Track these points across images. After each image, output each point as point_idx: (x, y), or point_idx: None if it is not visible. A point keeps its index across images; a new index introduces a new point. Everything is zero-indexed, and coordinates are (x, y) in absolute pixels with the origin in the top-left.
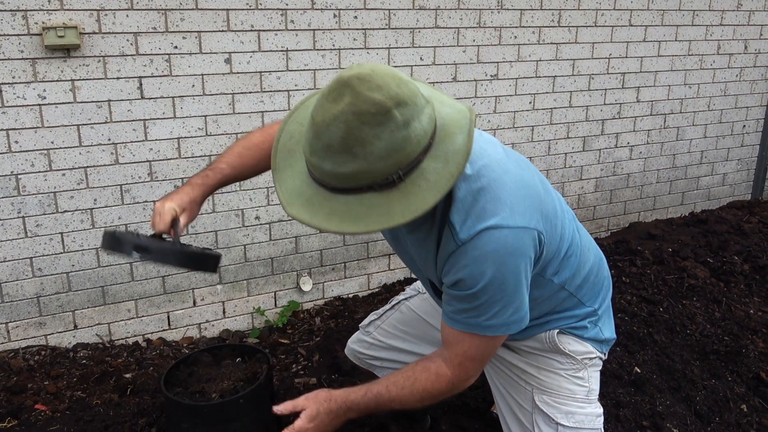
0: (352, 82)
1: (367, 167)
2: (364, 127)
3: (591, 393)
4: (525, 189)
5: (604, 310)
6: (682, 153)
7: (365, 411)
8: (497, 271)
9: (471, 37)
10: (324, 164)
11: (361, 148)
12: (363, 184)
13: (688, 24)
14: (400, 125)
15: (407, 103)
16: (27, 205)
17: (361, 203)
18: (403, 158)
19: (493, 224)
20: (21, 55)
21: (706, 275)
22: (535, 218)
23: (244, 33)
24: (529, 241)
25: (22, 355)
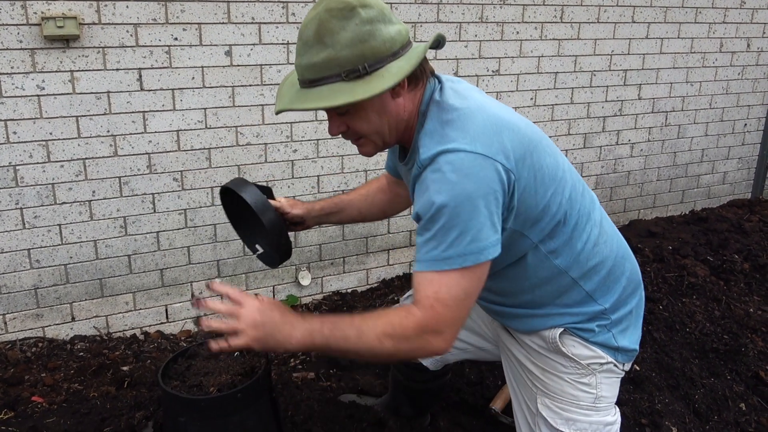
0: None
1: (335, 55)
2: (332, 20)
3: (600, 400)
4: (498, 127)
5: (624, 315)
6: (683, 151)
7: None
8: (450, 192)
9: (473, 32)
10: (303, 60)
11: (330, 37)
12: (333, 73)
13: (691, 21)
14: (365, 21)
15: (372, 6)
16: (25, 197)
17: (331, 89)
18: (368, 52)
19: (450, 147)
20: (20, 46)
21: (706, 273)
22: (501, 154)
23: (244, 25)
24: (490, 171)
25: (20, 346)
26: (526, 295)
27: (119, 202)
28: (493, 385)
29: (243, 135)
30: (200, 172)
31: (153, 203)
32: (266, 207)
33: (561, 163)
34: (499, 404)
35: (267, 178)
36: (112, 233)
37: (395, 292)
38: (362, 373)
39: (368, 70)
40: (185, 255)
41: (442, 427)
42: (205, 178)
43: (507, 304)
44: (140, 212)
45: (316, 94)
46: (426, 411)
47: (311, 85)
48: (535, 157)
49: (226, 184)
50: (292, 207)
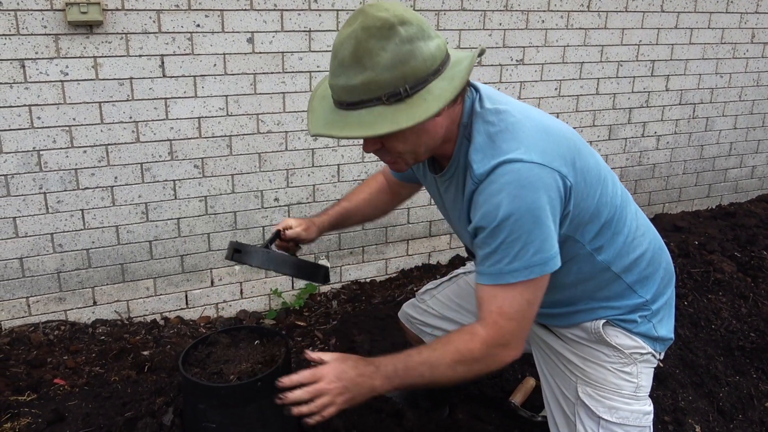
0: (365, 8)
1: (374, 77)
2: (371, 40)
3: (639, 389)
4: (547, 134)
5: (662, 306)
6: (710, 144)
7: (392, 375)
8: (512, 204)
9: (497, 21)
10: (339, 80)
11: (369, 59)
12: (373, 96)
13: (722, 11)
14: (405, 40)
15: (412, 23)
16: (48, 181)
17: (371, 114)
18: (409, 72)
19: (507, 158)
20: (44, 31)
21: (733, 270)
22: (558, 161)
23: (267, 12)
24: (549, 179)
25: (42, 329)
26: (567, 292)
27: (141, 188)
28: (513, 378)
29: (264, 123)
30: (221, 159)
31: (174, 190)
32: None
33: (599, 162)
34: (518, 398)
35: (287, 167)
36: (134, 219)
37: (414, 282)
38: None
39: (409, 93)
40: (205, 242)
41: (461, 419)
42: (225, 166)
43: (551, 304)
44: (161, 198)
45: (355, 118)
46: (444, 403)
47: (349, 107)
48: (582, 160)
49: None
50: (308, 232)
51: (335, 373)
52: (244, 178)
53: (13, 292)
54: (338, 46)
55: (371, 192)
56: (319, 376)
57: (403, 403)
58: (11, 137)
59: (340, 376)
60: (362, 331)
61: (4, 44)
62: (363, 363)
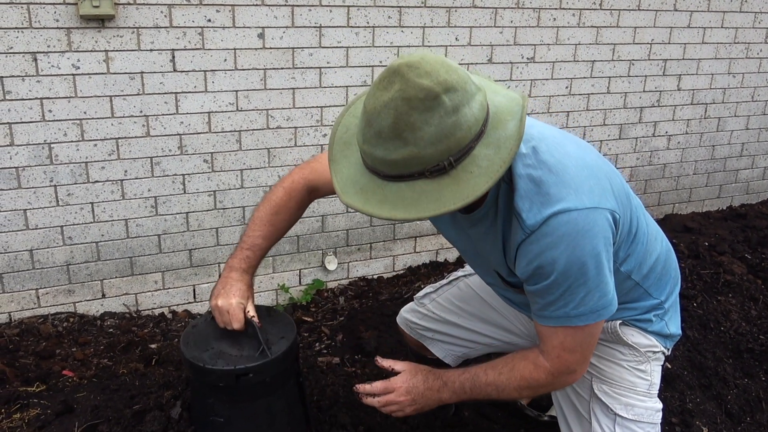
0: (402, 69)
1: (417, 153)
2: (413, 113)
3: (652, 387)
4: (588, 169)
5: (671, 304)
6: (721, 144)
7: (460, 391)
8: (572, 255)
9: (509, 18)
10: (376, 151)
11: (411, 133)
12: (414, 171)
13: (736, 10)
14: (450, 111)
15: (456, 88)
16: (59, 174)
17: (413, 190)
18: (454, 144)
19: (560, 208)
20: (56, 24)
21: (744, 271)
22: (604, 197)
23: (278, 8)
24: (603, 221)
25: (51, 321)
26: None
27: (150, 182)
28: None
29: (273, 118)
30: (230, 154)
31: (183, 184)
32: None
33: (617, 175)
34: None
35: (296, 162)
36: (143, 213)
37: (421, 279)
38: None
39: (454, 165)
40: (214, 236)
41: (467, 417)
42: (235, 161)
43: None
44: (171, 193)
45: (394, 193)
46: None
47: (386, 179)
48: (614, 183)
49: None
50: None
51: (406, 387)
52: (253, 173)
53: (23, 283)
54: (374, 113)
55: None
56: (391, 389)
57: None
58: (23, 130)
59: (410, 390)
60: (369, 327)
61: (17, 37)
62: (432, 377)
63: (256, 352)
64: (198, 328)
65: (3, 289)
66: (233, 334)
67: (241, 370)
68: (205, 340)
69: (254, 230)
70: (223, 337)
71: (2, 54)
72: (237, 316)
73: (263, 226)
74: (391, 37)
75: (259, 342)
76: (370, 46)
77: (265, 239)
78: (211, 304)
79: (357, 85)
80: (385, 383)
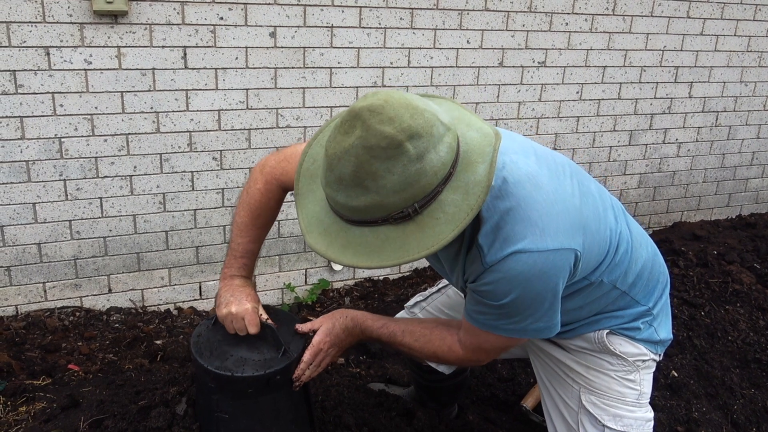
0: (363, 115)
1: (380, 201)
2: (374, 162)
3: (642, 396)
4: (559, 204)
5: (660, 308)
6: (732, 153)
7: (376, 340)
8: (523, 292)
9: (520, 22)
10: (338, 196)
11: (373, 182)
12: (378, 217)
13: (750, 18)
14: (413, 159)
15: (421, 134)
16: (69, 169)
17: (377, 236)
18: (419, 191)
19: (520, 248)
20: (69, 19)
21: (752, 281)
22: (569, 235)
23: (290, 7)
24: (561, 262)
25: (58, 315)
26: (575, 314)
27: (159, 179)
28: (525, 382)
29: (283, 117)
30: (239, 152)
31: (192, 181)
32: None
33: (594, 193)
34: (530, 402)
35: None
36: (151, 209)
37: (427, 281)
38: (392, 362)
39: (419, 211)
40: (221, 234)
41: (472, 421)
42: (243, 159)
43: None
44: (179, 189)
45: (358, 238)
46: (450, 403)
47: (350, 222)
48: (586, 212)
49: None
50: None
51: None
52: None
53: (31, 277)
54: (334, 159)
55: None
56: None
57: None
58: (34, 124)
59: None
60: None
61: (30, 31)
62: (351, 323)
63: (277, 353)
64: (204, 337)
65: (10, 281)
66: (245, 338)
67: (272, 374)
68: (220, 348)
69: (242, 236)
70: (236, 343)
71: (15, 48)
72: (254, 320)
73: (249, 231)
74: (402, 39)
75: (279, 343)
76: (381, 47)
77: (255, 243)
78: (223, 313)
79: (367, 85)
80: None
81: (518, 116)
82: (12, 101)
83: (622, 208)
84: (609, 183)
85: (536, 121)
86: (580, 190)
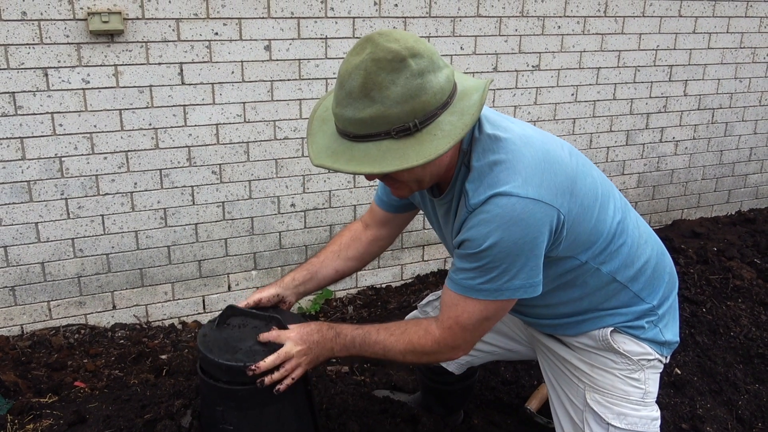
0: (374, 37)
1: (384, 111)
2: (381, 72)
3: (647, 395)
4: (546, 164)
5: (667, 309)
6: (730, 149)
7: (350, 344)
8: (501, 237)
9: (513, 27)
10: (346, 111)
11: (378, 92)
12: (381, 130)
13: (741, 15)
14: (415, 73)
15: (423, 55)
16: (70, 187)
17: (379, 149)
18: (419, 107)
19: (501, 191)
20: (66, 40)
21: (753, 276)
22: (553, 193)
23: (284, 20)
24: (541, 215)
25: (63, 333)
26: (575, 305)
27: (160, 194)
28: (529, 384)
29: (281, 129)
30: (238, 165)
31: (192, 195)
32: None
33: (596, 177)
34: (534, 404)
35: (303, 173)
36: (153, 224)
37: (429, 287)
38: (396, 369)
39: (419, 127)
40: (222, 247)
41: (477, 425)
42: (243, 172)
43: (557, 315)
44: (180, 204)
45: (362, 152)
46: (457, 409)
47: (355, 139)
48: (579, 184)
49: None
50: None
51: (299, 335)
52: (261, 184)
53: (35, 296)
54: (345, 75)
55: (341, 243)
56: (284, 338)
57: (418, 409)
58: (34, 144)
59: (303, 338)
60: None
61: (28, 53)
62: (326, 327)
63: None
64: (210, 336)
65: (15, 301)
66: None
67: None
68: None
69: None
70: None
71: (14, 70)
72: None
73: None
74: None
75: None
76: None
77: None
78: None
79: None
80: (277, 332)
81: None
82: (12, 122)
83: (628, 204)
84: None
85: (533, 124)
86: (576, 164)
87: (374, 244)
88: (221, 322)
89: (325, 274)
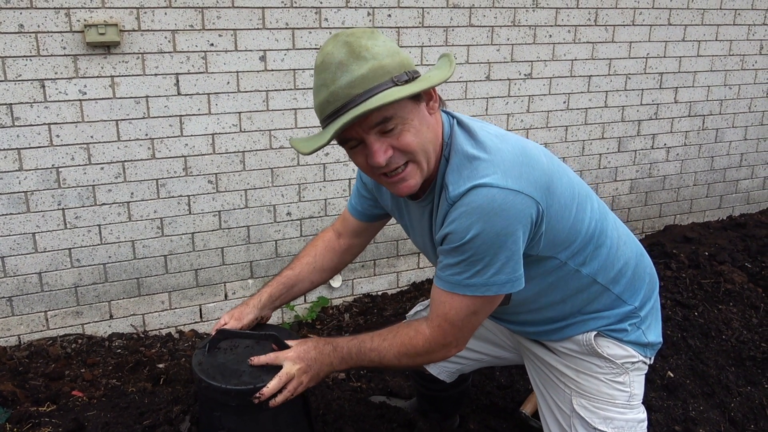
0: (338, 33)
1: (379, 64)
2: (360, 40)
3: (633, 398)
4: (524, 158)
5: (649, 311)
6: (720, 155)
7: (347, 356)
8: (483, 228)
9: (505, 36)
10: (342, 79)
11: (368, 51)
12: (384, 80)
13: (730, 23)
14: (388, 39)
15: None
16: (67, 198)
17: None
18: (405, 61)
19: (481, 182)
20: (63, 52)
21: (744, 280)
22: (532, 186)
23: (279, 31)
24: (521, 206)
25: (60, 343)
26: (558, 309)
27: (156, 204)
28: (524, 388)
29: (276, 138)
30: (234, 174)
31: (188, 205)
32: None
33: (573, 181)
34: (529, 408)
35: (299, 181)
36: (149, 234)
37: (425, 295)
38: (392, 375)
39: (413, 77)
40: (219, 256)
41: (472, 429)
42: (239, 181)
43: (541, 321)
44: (176, 213)
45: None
46: (453, 414)
47: (365, 96)
48: (556, 182)
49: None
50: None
51: (297, 354)
52: (257, 192)
53: (32, 306)
54: (327, 56)
55: (316, 253)
56: (282, 359)
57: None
58: (31, 155)
59: (301, 356)
60: None
61: (25, 65)
62: (322, 342)
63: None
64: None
65: (12, 311)
66: (246, 355)
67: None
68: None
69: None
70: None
71: (11, 81)
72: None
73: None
74: None
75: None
76: None
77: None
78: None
79: None
80: (276, 354)
81: (507, 128)
82: (9, 134)
83: (606, 207)
84: (600, 190)
85: (525, 132)
86: (551, 165)
87: (348, 253)
88: (212, 347)
89: (302, 288)
